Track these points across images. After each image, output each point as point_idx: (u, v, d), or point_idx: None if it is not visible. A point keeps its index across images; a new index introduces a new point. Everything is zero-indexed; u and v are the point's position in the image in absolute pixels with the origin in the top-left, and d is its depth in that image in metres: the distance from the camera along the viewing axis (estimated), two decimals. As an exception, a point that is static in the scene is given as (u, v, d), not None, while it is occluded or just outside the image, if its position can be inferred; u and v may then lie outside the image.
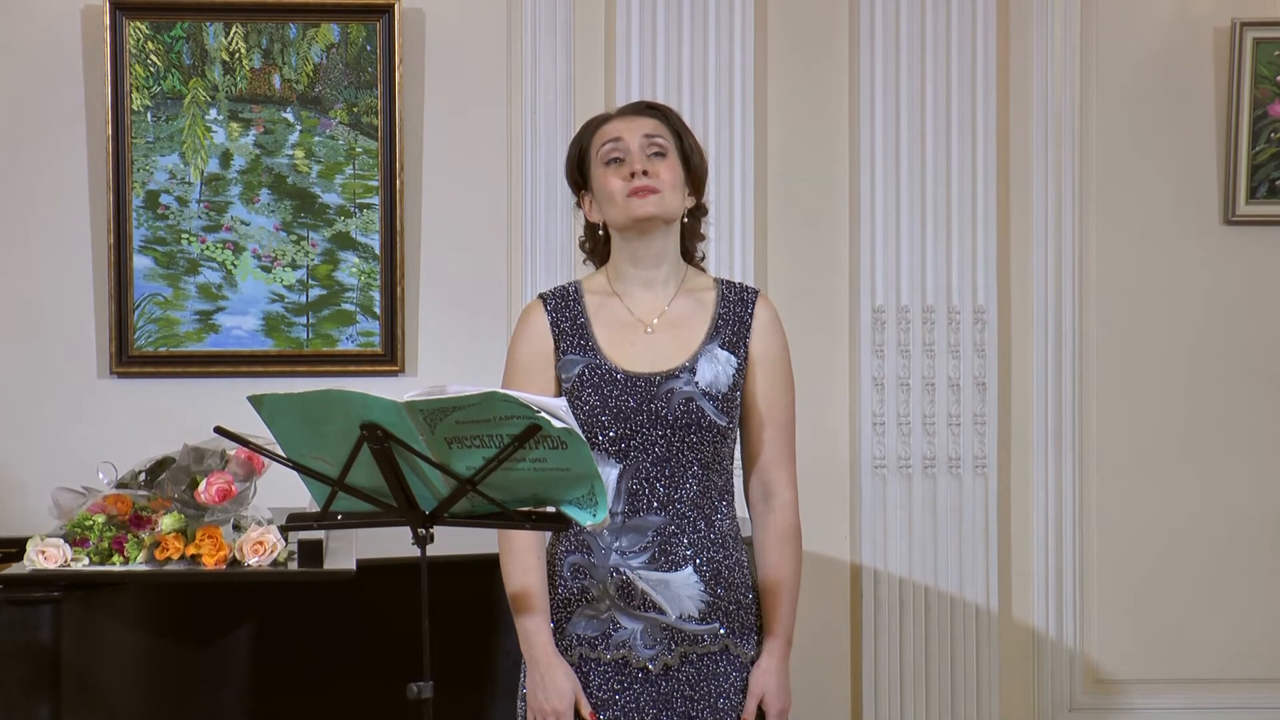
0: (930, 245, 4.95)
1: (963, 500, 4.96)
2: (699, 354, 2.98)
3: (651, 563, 2.94)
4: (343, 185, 4.81)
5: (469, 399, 2.47)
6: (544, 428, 2.48)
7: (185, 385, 4.79)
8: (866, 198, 4.94)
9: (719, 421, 2.95)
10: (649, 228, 2.98)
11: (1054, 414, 5.01)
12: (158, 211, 4.76)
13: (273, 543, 3.58)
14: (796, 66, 4.98)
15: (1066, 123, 5.00)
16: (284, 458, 2.64)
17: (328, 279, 4.82)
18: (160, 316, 4.77)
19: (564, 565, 3.00)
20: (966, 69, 4.94)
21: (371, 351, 4.83)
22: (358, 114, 4.81)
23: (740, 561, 3.01)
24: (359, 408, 2.51)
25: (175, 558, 3.58)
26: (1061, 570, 5.03)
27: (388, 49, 4.78)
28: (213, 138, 4.77)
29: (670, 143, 3.02)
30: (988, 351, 4.96)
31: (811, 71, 4.98)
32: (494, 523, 2.67)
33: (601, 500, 2.59)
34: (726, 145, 4.89)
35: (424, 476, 2.59)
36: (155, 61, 4.74)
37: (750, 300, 3.04)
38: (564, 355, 2.99)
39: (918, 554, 4.95)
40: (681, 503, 2.95)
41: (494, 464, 2.54)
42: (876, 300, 4.95)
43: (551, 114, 4.84)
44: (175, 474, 3.72)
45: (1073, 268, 5.01)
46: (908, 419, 4.95)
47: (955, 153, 4.94)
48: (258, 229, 4.80)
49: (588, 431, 2.93)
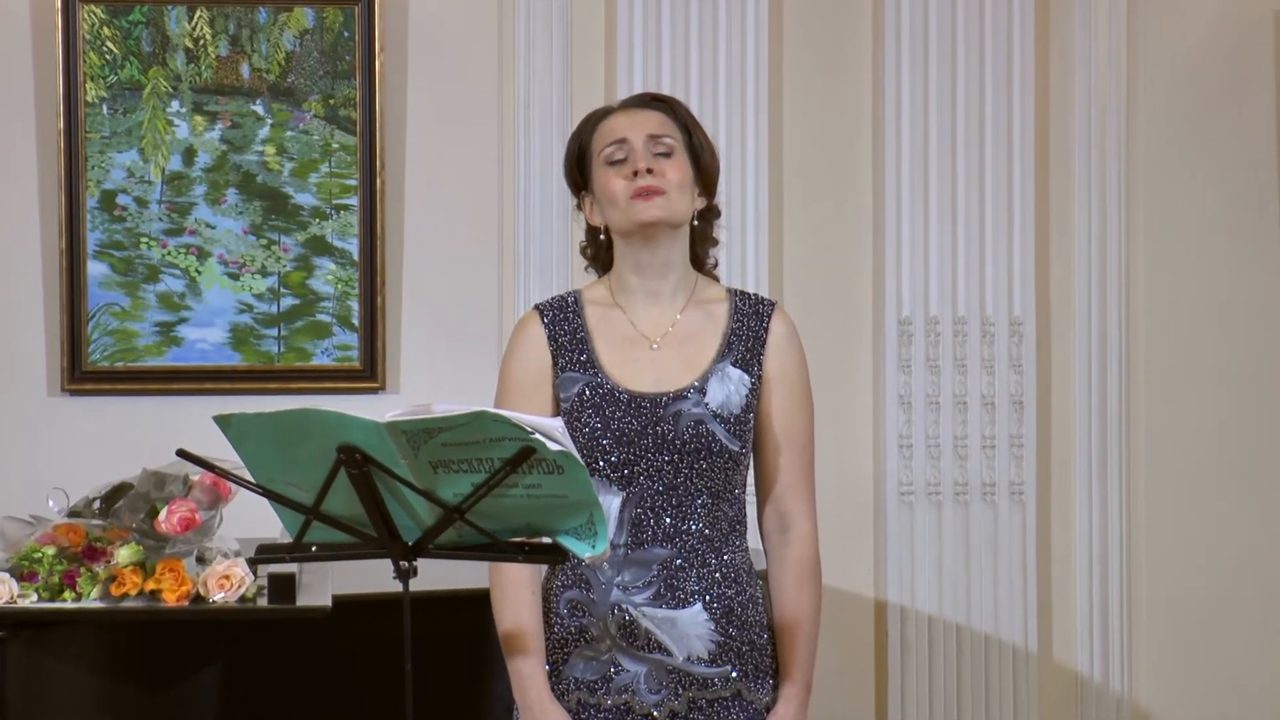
0: (962, 250, 4.96)
1: (998, 530, 4.96)
2: (709, 372, 2.98)
3: (657, 599, 2.94)
4: (318, 185, 4.82)
5: (456, 419, 2.47)
6: (539, 450, 2.48)
7: (144, 404, 4.79)
8: (892, 198, 4.95)
9: (731, 446, 2.95)
10: (654, 233, 2.98)
11: (1098, 436, 5.02)
12: (114, 213, 4.76)
13: (240, 577, 3.57)
14: (815, 55, 4.98)
15: (1111, 118, 5.00)
16: (253, 483, 2.64)
17: (301, 287, 4.82)
18: (117, 328, 4.77)
19: (560, 602, 3.00)
20: (1002, 57, 4.95)
21: (349, 367, 4.83)
22: (334, 107, 4.81)
23: (754, 598, 3.00)
24: (335, 428, 2.51)
25: (133, 593, 3.57)
26: (1107, 607, 5.02)
27: (367, 35, 4.79)
28: (175, 132, 4.78)
29: (678, 139, 3.02)
30: (1025, 367, 4.97)
31: (832, 60, 4.99)
32: (484, 555, 2.67)
33: (601, 530, 2.59)
34: (738, 142, 4.90)
35: (407, 504, 2.59)
36: (112, 49, 4.75)
37: (765, 313, 3.04)
38: (562, 372, 2.99)
39: (949, 590, 4.95)
40: (689, 534, 2.95)
41: (484, 490, 2.54)
42: (903, 311, 4.95)
43: (547, 107, 4.85)
44: (133, 501, 3.71)
45: (1118, 276, 5.02)
46: (937, 441, 4.96)
47: (990, 148, 4.94)
48: (224, 233, 4.80)
49: (587, 456, 2.93)
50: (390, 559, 2.65)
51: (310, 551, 2.68)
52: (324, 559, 2.72)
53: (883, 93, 4.96)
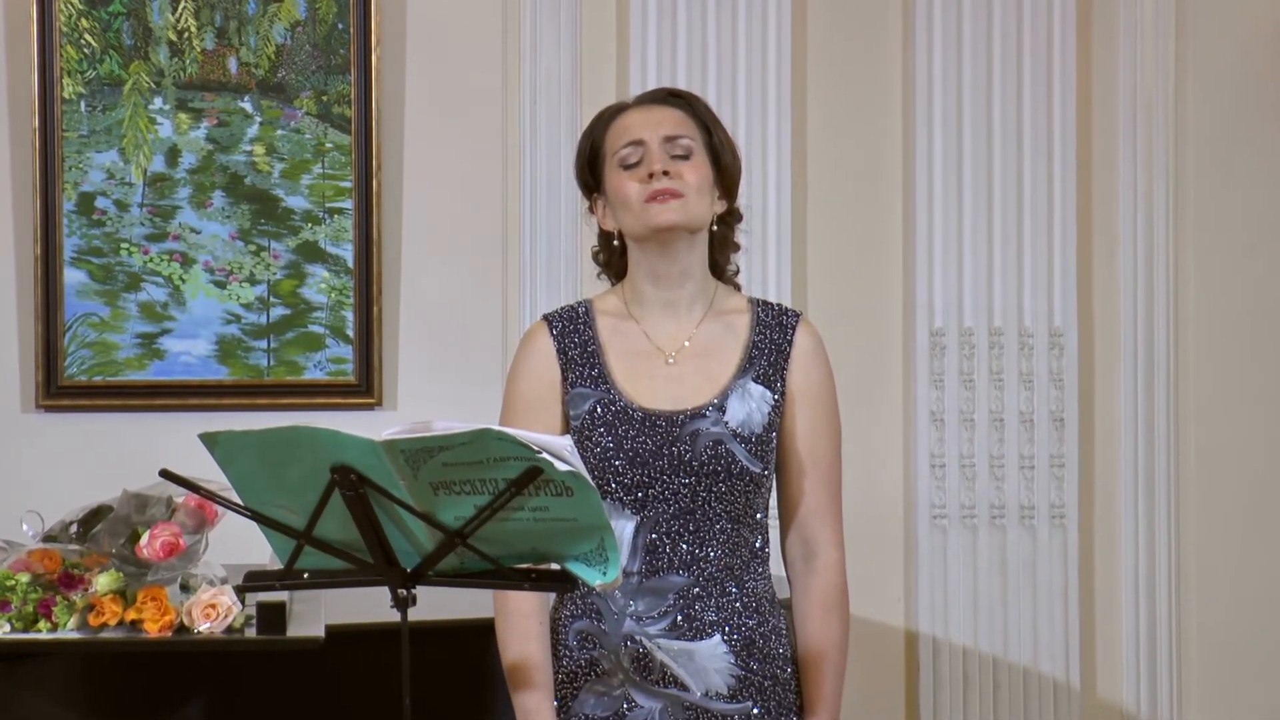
0: (998, 256, 4.96)
1: (1037, 556, 4.95)
2: (729, 389, 2.98)
3: (673, 630, 2.94)
4: (310, 187, 4.82)
5: (458, 437, 2.47)
6: (546, 471, 2.48)
7: (125, 420, 4.79)
8: (923, 200, 4.95)
9: (752, 468, 2.95)
10: (670, 238, 2.98)
11: (1144, 455, 5.01)
12: (93, 217, 4.77)
13: (227, 605, 3.57)
14: (842, 47, 4.99)
15: (1158, 115, 5.00)
16: (241, 506, 2.64)
17: (292, 296, 4.82)
18: (95, 340, 4.78)
19: (569, 633, 3.00)
20: (1041, 47, 4.95)
21: (343, 381, 4.84)
22: (327, 104, 4.82)
23: (777, 629, 3.00)
24: (329, 447, 2.51)
25: (112, 623, 3.57)
26: (1154, 639, 5.02)
27: (362, 28, 4.80)
28: (158, 131, 4.79)
29: (697, 138, 3.02)
30: (1066, 382, 4.97)
31: (859, 53, 4.99)
32: (487, 582, 2.67)
33: (613, 557, 2.59)
34: (759, 142, 4.90)
35: (405, 528, 2.59)
36: (90, 42, 4.76)
37: (790, 325, 3.04)
38: (572, 388, 2.99)
39: (984, 620, 4.94)
40: (708, 561, 2.95)
41: (487, 513, 2.54)
42: (935, 322, 4.95)
43: (555, 105, 4.85)
44: (113, 525, 3.71)
45: (1165, 284, 5.01)
46: (972, 461, 4.96)
47: (1028, 147, 4.95)
48: (210, 238, 4.81)
49: (599, 478, 2.93)
50: (387, 586, 2.65)
51: (302, 578, 2.68)
52: (316, 586, 2.72)
53: (914, 88, 4.96)
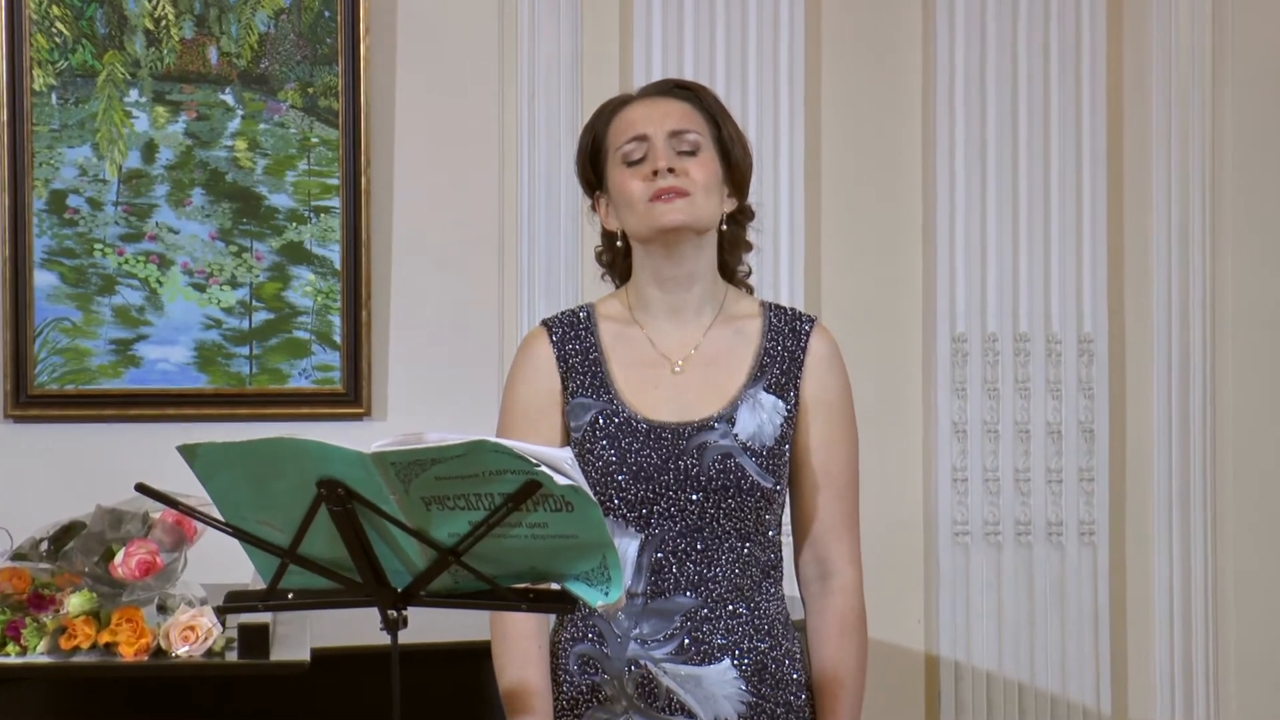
0: (1024, 258, 4.96)
1: (1065, 576, 4.95)
2: (739, 399, 2.98)
3: (680, 654, 2.94)
4: (295, 184, 4.83)
5: (452, 449, 2.47)
6: (545, 485, 2.48)
7: (98, 432, 4.79)
8: (944, 198, 4.95)
9: (763, 483, 2.95)
10: (676, 240, 2.98)
11: (1180, 468, 5.01)
12: (65, 216, 4.77)
13: (207, 628, 3.58)
14: (858, 35, 4.99)
15: (1195, 107, 5.00)
16: (222, 522, 2.64)
17: (276, 300, 4.83)
18: (67, 346, 4.78)
19: (570, 657, 3.00)
20: (1070, 38, 4.95)
21: (330, 390, 4.84)
22: (313, 96, 4.82)
23: (791, 653, 3.00)
24: (315, 460, 2.51)
25: (85, 647, 3.57)
26: (1190, 665, 5.01)
27: (351, 16, 4.80)
28: (133, 125, 4.79)
29: (705, 133, 3.01)
30: (1096, 391, 4.96)
31: (877, 42, 4.99)
32: (483, 603, 2.67)
33: (616, 576, 2.59)
34: (770, 136, 4.90)
35: (396, 545, 2.59)
36: (62, 30, 4.76)
37: (804, 330, 3.04)
38: (573, 398, 2.99)
39: (1009, 643, 4.94)
40: (716, 581, 2.95)
41: (483, 530, 2.54)
42: (957, 327, 4.95)
43: (554, 97, 4.86)
44: (86, 542, 3.72)
45: (1202, 288, 5.01)
46: (996, 475, 4.95)
47: (1056, 142, 4.95)
48: (189, 238, 4.81)
49: (601, 493, 2.93)
50: (377, 607, 2.65)
51: (286, 599, 2.68)
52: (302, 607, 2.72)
53: (934, 76, 4.96)
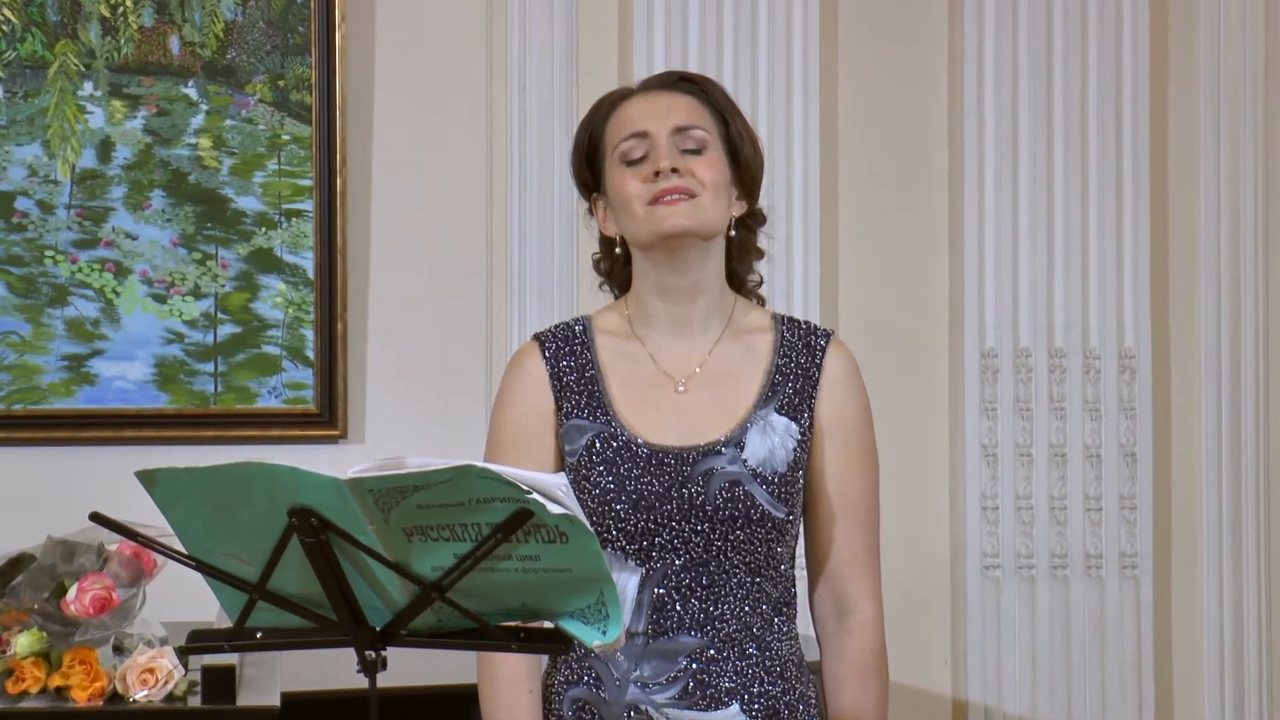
0: (1060, 269, 4.96)
1: (1105, 613, 4.96)
2: (748, 421, 2.98)
3: (684, 698, 2.94)
4: (264, 186, 4.83)
5: (436, 475, 2.47)
6: (536, 514, 2.47)
7: (49, 455, 4.80)
8: (972, 206, 4.95)
9: (775, 513, 2.95)
10: (680, 247, 2.97)
11: (1230, 495, 5.01)
12: (12, 221, 4.77)
13: (167, 670, 3.58)
14: (878, 27, 5.00)
15: (1246, 102, 5.01)
16: (184, 554, 2.64)
17: (243, 312, 4.83)
18: (15, 363, 4.78)
19: (564, 702, 3.00)
20: (1109, 28, 4.95)
21: (303, 410, 4.84)
22: (284, 90, 4.83)
23: (805, 698, 3.00)
24: (286, 487, 2.50)
25: (34, 691, 3.57)
26: (1242, 707, 5.02)
27: (325, 2, 4.80)
28: (88, 121, 4.80)
29: (712, 130, 3.01)
30: (1139, 411, 4.97)
31: (898, 36, 5.00)
32: (469, 643, 2.66)
33: (614, 613, 2.59)
34: (783, 133, 4.91)
35: (374, 580, 2.59)
36: (9, 17, 4.77)
37: (819, 346, 3.04)
38: (567, 419, 2.99)
39: (1044, 685, 4.94)
40: (723, 620, 2.95)
41: (469, 563, 2.53)
42: (986, 342, 4.96)
43: (547, 91, 4.86)
44: (35, 577, 3.72)
45: (1254, 298, 5.02)
46: (1029, 502, 4.96)
47: (1094, 145, 4.95)
48: (148, 244, 4.81)
49: (598, 523, 2.93)
50: (353, 647, 2.64)
51: (254, 638, 2.67)
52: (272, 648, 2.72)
53: (961, 71, 4.97)
